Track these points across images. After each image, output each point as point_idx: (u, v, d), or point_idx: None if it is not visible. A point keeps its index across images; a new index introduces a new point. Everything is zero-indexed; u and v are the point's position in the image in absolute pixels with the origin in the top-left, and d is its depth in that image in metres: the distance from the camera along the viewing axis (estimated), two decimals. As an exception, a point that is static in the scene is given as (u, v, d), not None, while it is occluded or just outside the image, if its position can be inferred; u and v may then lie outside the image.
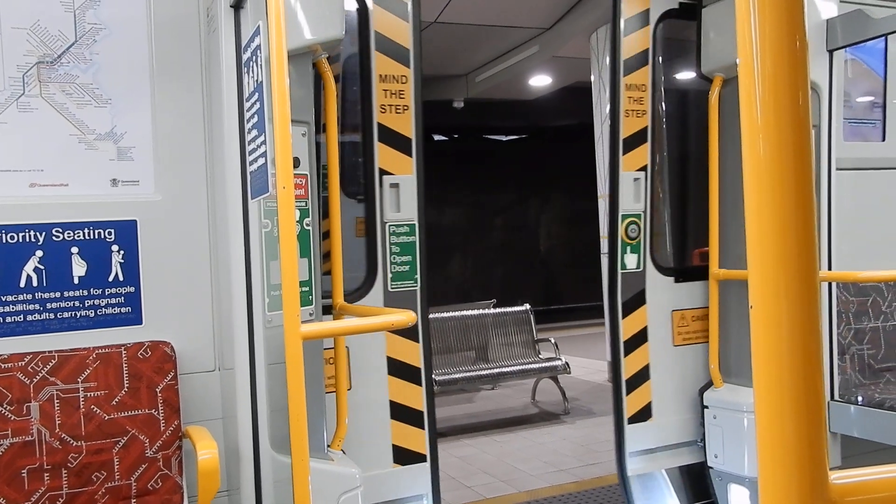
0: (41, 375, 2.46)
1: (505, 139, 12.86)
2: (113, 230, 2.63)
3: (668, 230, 4.05)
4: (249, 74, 2.37)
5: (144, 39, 2.69)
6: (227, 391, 2.68)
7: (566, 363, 6.37)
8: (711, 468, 3.66)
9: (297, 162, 2.50)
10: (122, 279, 2.65)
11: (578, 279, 11.91)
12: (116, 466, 2.49)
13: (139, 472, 2.51)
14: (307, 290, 2.55)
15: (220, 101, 2.55)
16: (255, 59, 2.28)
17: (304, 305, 2.45)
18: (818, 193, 3.54)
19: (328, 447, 2.70)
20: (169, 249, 2.71)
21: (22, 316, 2.53)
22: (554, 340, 6.64)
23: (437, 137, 11.95)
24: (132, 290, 2.67)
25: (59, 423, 2.45)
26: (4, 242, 2.50)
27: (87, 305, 2.61)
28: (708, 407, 3.65)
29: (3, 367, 2.43)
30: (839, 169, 3.69)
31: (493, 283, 12.05)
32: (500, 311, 6.75)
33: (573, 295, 12.12)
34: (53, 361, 2.49)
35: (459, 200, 12.08)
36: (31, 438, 2.41)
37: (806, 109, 0.69)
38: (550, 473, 4.86)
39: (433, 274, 3.26)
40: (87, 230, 2.60)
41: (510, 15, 6.25)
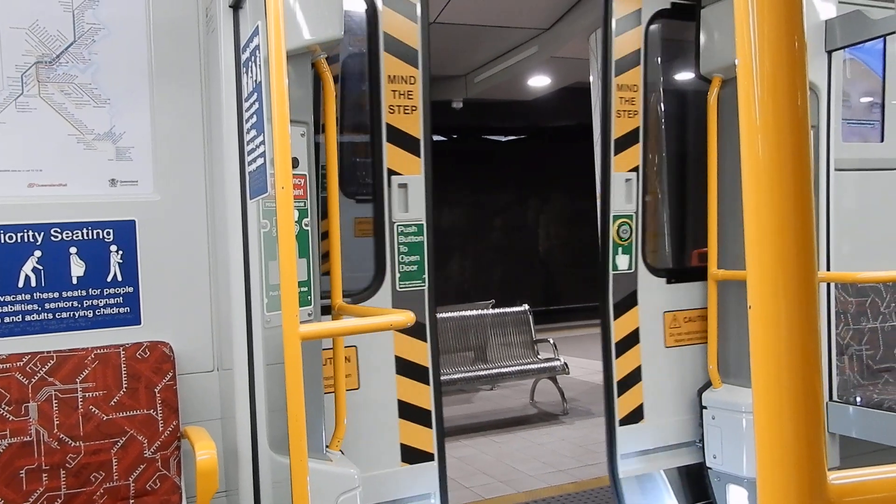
0: (39, 376, 2.46)
1: (504, 140, 12.85)
2: (111, 230, 2.63)
3: (666, 231, 4.05)
4: (248, 75, 2.37)
5: (143, 39, 2.69)
6: (225, 391, 2.68)
7: (565, 364, 6.37)
8: (710, 469, 3.66)
9: (295, 162, 2.50)
10: (120, 279, 2.64)
11: (577, 280, 11.92)
12: (115, 467, 2.49)
13: (138, 472, 2.51)
14: (306, 290, 2.55)
15: (218, 101, 2.55)
16: (253, 59, 2.28)
17: (302, 306, 2.45)
18: (817, 194, 3.54)
19: (327, 448, 2.70)
20: (168, 250, 2.71)
21: (20, 316, 2.53)
22: (553, 341, 6.63)
23: (436, 138, 11.88)
24: (131, 290, 2.66)
25: (57, 423, 2.44)
26: (3, 243, 2.50)
27: (85, 306, 2.60)
28: (706, 407, 3.65)
29: (1, 367, 2.43)
30: (838, 169, 3.69)
31: (492, 283, 12.06)
32: (498, 311, 6.75)
33: (572, 295, 12.12)
34: (52, 362, 2.48)
35: (458, 201, 12.07)
36: (29, 439, 2.41)
37: (805, 110, 0.69)
38: (549, 474, 4.86)
39: (432, 274, 3.26)
40: (85, 230, 2.60)
41: (509, 15, 6.24)
